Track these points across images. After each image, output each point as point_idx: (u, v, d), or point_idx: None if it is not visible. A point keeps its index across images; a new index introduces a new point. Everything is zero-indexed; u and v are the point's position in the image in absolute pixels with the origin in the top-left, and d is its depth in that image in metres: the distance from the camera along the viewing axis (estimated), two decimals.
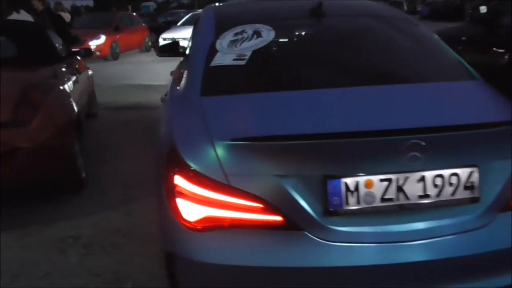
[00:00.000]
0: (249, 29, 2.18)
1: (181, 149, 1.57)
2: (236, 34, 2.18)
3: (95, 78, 6.04)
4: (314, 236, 1.42)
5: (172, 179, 1.53)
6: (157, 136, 2.30)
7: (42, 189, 3.27)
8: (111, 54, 12.43)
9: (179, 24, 13.84)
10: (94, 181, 3.61)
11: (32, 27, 4.53)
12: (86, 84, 5.11)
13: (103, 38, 12.26)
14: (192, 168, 1.49)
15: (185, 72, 2.27)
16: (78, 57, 5.09)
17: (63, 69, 4.04)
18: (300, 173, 1.43)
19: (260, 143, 1.45)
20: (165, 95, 2.72)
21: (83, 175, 3.51)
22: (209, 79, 1.95)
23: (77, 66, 4.86)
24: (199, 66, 2.04)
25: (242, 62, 1.98)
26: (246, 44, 2.08)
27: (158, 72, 9.73)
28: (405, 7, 32.85)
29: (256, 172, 1.44)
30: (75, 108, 3.64)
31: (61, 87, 3.57)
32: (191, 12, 24.39)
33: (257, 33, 2.14)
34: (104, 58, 12.27)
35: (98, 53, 12.16)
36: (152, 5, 40.86)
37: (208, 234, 1.47)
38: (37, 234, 2.79)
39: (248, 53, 2.02)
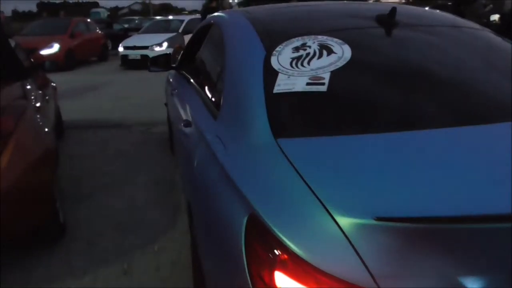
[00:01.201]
0: (311, 42, 1.68)
1: (278, 228, 1.02)
2: (296, 49, 1.66)
3: None
4: None
5: (271, 279, 0.99)
6: (193, 191, 1.74)
7: (11, 242, 2.57)
8: (66, 63, 11.42)
9: (140, 31, 13.01)
10: (76, 225, 2.93)
11: None
12: (52, 100, 4.38)
13: (56, 46, 11.24)
14: (307, 263, 0.95)
15: (222, 98, 1.72)
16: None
17: (31, 86, 3.33)
18: (488, 269, 0.93)
19: (428, 226, 0.94)
20: (185, 125, 2.11)
21: (61, 218, 2.82)
22: (279, 112, 1.42)
23: (40, 80, 4.15)
24: (256, 93, 1.51)
25: (323, 88, 1.46)
26: (316, 63, 1.57)
27: (123, 83, 8.97)
28: None
29: (424, 271, 0.92)
30: (51, 134, 2.97)
31: (34, 109, 2.88)
32: (147, 18, 23.49)
33: (326, 48, 1.63)
34: (59, 68, 11.23)
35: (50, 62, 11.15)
36: (102, 11, 39.13)
37: None
38: None
39: (326, 76, 1.51)
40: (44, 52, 11.04)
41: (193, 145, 1.84)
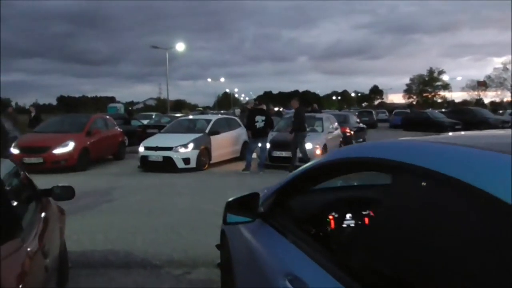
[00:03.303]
0: None
1: None
2: None
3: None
4: None
5: None
6: None
7: None
8: (80, 163, 10.33)
9: (163, 130, 12.08)
10: None
11: None
12: (57, 236, 3.04)
13: (71, 145, 10.22)
14: None
15: None
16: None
17: (26, 241, 2.00)
18: None
19: None
20: None
21: None
22: None
23: (43, 208, 2.84)
24: None
25: None
26: None
27: (143, 190, 7.69)
28: (375, 116, 33.44)
29: None
30: None
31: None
32: (165, 115, 23.11)
33: None
34: (71, 168, 10.15)
35: (63, 162, 10.09)
36: (120, 106, 39.49)
37: None
38: None
39: None
40: (57, 151, 10.04)
41: None
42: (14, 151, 10.20)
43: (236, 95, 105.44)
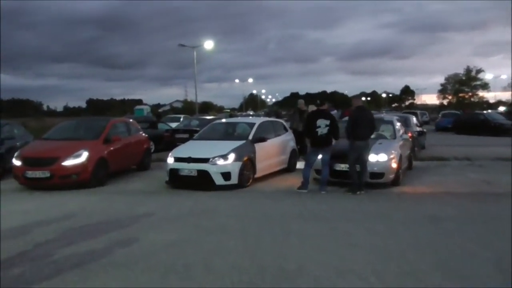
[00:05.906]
0: None
1: None
2: None
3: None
4: None
5: None
6: None
7: None
8: (95, 177, 8.41)
9: (196, 137, 9.93)
10: None
11: None
12: None
13: (84, 155, 8.28)
14: None
15: None
16: None
17: None
18: None
19: None
20: None
21: None
22: None
23: None
24: None
25: None
26: None
27: (175, 221, 5.52)
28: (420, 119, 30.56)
29: None
30: None
31: None
32: (194, 117, 21.14)
33: None
34: (85, 183, 8.22)
35: (74, 176, 8.15)
36: (146, 108, 37.90)
37: None
38: None
39: None
40: (67, 162, 8.12)
41: None
42: (16, 162, 8.35)
43: (263, 97, 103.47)
